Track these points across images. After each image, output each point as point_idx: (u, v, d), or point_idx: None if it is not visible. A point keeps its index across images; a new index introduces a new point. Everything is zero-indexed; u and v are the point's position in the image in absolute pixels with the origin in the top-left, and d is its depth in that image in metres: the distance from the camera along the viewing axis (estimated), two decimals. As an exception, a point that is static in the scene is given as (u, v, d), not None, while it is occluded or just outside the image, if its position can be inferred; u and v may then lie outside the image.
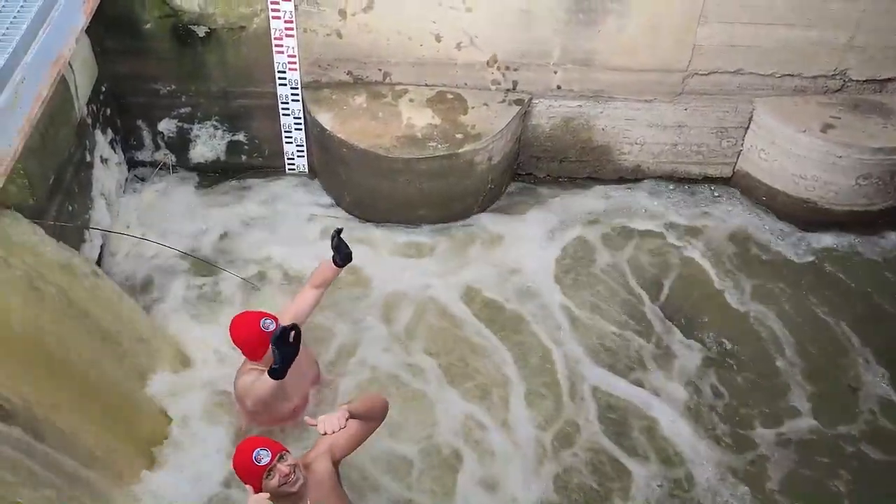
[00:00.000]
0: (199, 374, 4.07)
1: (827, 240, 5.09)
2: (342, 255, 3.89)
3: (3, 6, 2.72)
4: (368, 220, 5.10)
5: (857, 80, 5.04)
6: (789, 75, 4.99)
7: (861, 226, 5.15)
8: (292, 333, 3.34)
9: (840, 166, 4.91)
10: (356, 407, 3.14)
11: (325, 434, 2.99)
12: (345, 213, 5.14)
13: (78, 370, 3.46)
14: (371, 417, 3.29)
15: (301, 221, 5.08)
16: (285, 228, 5.02)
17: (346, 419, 3.01)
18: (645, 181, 5.44)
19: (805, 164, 4.99)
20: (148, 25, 4.69)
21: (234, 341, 3.69)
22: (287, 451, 3.15)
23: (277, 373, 3.37)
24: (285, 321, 3.59)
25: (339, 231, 3.91)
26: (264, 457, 3.05)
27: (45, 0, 2.77)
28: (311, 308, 3.96)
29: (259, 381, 3.53)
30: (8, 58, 2.47)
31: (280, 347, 3.32)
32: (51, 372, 3.29)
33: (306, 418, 3.09)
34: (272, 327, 3.60)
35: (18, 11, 2.70)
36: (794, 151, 4.98)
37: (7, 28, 2.60)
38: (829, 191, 5.04)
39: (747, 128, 5.20)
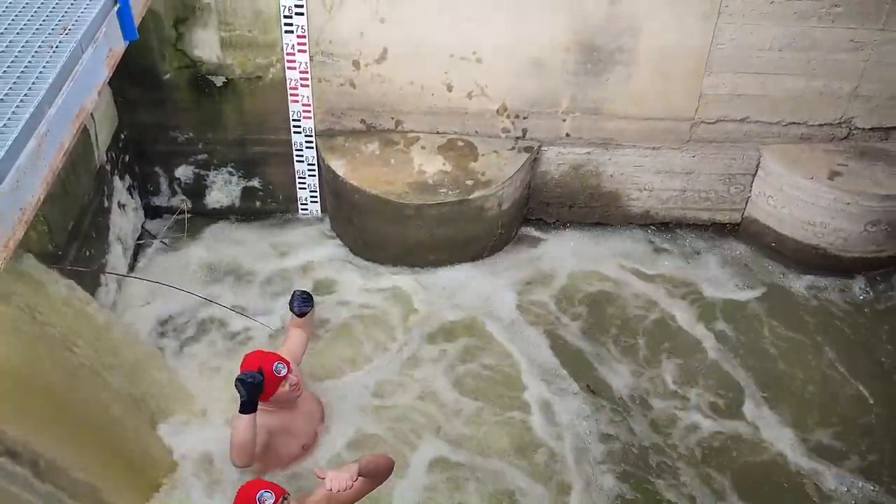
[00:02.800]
0: (210, 420, 4.09)
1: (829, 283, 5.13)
2: (298, 308, 4.14)
3: (31, 60, 2.82)
4: (379, 263, 5.15)
5: (863, 129, 5.10)
6: (795, 123, 5.06)
7: (871, 272, 5.15)
8: (258, 372, 3.57)
9: (848, 213, 4.93)
10: (364, 465, 3.18)
11: (332, 491, 3.01)
12: (357, 257, 5.21)
13: (87, 413, 3.49)
14: (376, 476, 3.32)
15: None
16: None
17: (355, 480, 3.04)
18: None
19: (813, 210, 5.02)
20: (167, 76, 4.84)
21: (241, 370, 3.75)
22: (289, 494, 3.17)
23: (245, 406, 3.52)
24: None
25: (302, 292, 4.17)
26: (268, 499, 3.06)
27: (71, 55, 2.87)
28: (301, 346, 4.10)
29: (236, 419, 3.60)
30: (34, 111, 2.55)
31: (245, 383, 3.50)
32: (60, 414, 3.32)
33: (315, 470, 3.11)
34: (283, 372, 3.70)
35: (44, 66, 2.80)
36: (802, 198, 5.02)
37: (34, 82, 2.69)
38: (839, 237, 5.06)
39: (755, 174, 5.25)
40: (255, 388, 3.52)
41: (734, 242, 5.43)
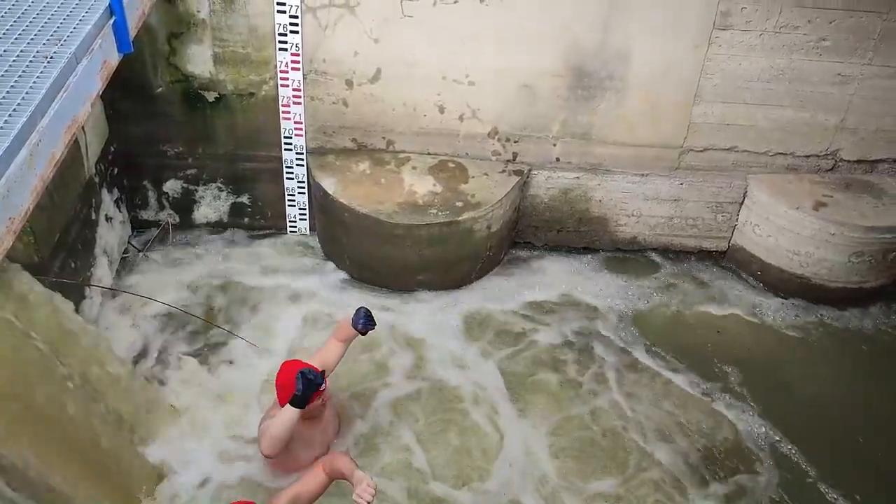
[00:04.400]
0: (194, 435, 4.04)
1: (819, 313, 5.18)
2: (363, 326, 3.96)
3: (25, 69, 2.82)
4: (366, 283, 5.14)
5: (849, 161, 5.18)
6: (782, 154, 5.13)
7: (854, 302, 5.20)
8: (320, 374, 3.64)
9: (833, 244, 4.99)
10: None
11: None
12: (344, 276, 5.19)
13: (69, 429, 3.43)
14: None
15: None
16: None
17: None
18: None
19: (798, 240, 5.08)
20: (160, 90, 4.84)
21: (277, 383, 3.78)
22: None
23: (297, 399, 3.58)
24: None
25: (367, 312, 4.00)
26: None
27: (65, 65, 2.86)
28: (337, 360, 4.04)
29: (279, 412, 3.64)
30: (26, 120, 2.55)
31: (307, 378, 3.57)
32: (41, 430, 3.27)
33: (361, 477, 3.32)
34: (322, 386, 3.72)
35: (38, 76, 2.79)
36: (788, 227, 5.08)
37: (27, 91, 2.68)
38: (823, 267, 5.11)
39: (742, 203, 5.31)
40: (313, 387, 3.60)
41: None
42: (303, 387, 3.57)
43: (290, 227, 5.44)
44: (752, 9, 4.55)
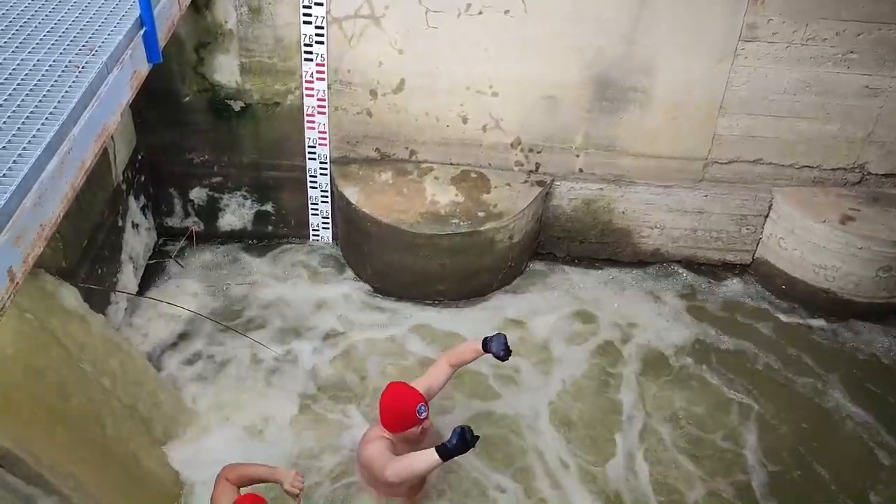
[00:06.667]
0: (215, 442, 4.06)
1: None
2: (504, 353, 3.84)
3: (57, 79, 2.86)
4: (388, 294, 5.15)
5: (876, 174, 5.11)
6: (809, 167, 5.08)
7: (881, 318, 5.13)
8: (477, 440, 3.46)
9: (860, 258, 4.92)
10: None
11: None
12: (366, 285, 5.21)
13: (94, 432, 3.47)
14: None
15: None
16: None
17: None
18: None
19: (824, 254, 5.01)
20: (187, 98, 4.90)
21: (384, 406, 3.74)
22: None
23: (448, 453, 3.41)
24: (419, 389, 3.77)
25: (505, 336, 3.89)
26: None
27: (97, 75, 2.91)
28: (443, 384, 3.97)
29: (420, 454, 3.52)
30: (58, 129, 2.58)
31: (464, 438, 3.39)
32: (66, 431, 3.31)
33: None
34: (424, 414, 3.70)
35: (70, 86, 2.83)
36: (814, 241, 5.02)
37: (59, 101, 2.73)
38: (849, 282, 5.04)
39: (767, 216, 5.26)
40: (465, 448, 3.42)
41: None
42: (458, 445, 3.40)
43: (314, 235, 5.47)
44: (778, 21, 4.52)
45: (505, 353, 3.84)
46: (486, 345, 3.87)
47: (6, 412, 3.02)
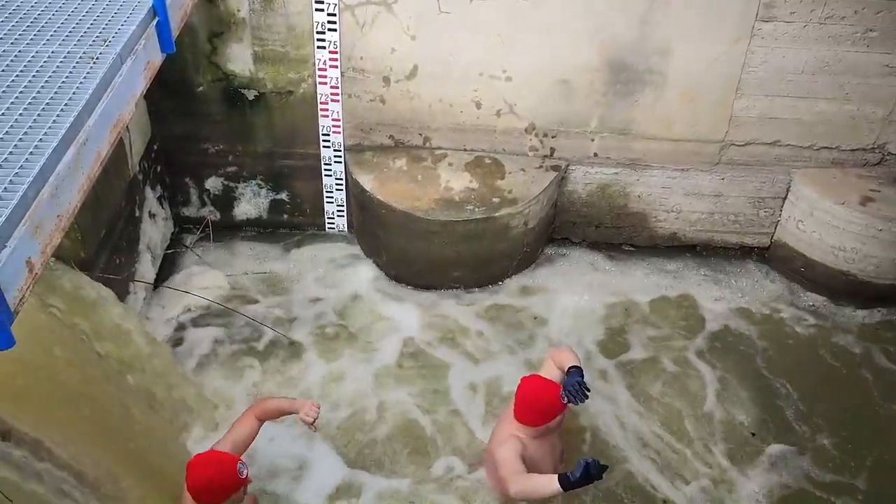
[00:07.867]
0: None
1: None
2: (579, 400, 3.72)
3: (72, 70, 2.88)
4: (403, 281, 5.16)
5: (897, 155, 5.04)
6: (827, 148, 5.01)
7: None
8: (605, 470, 3.44)
9: (880, 240, 4.86)
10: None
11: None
12: (381, 272, 5.23)
13: (115, 422, 3.52)
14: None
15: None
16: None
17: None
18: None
19: (844, 236, 4.96)
20: (200, 88, 4.91)
21: (525, 401, 3.71)
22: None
23: (571, 485, 3.39)
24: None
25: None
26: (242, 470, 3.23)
27: (111, 66, 2.92)
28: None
29: (546, 480, 3.50)
30: (73, 120, 2.60)
31: (588, 470, 3.37)
32: (87, 421, 3.35)
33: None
34: (566, 400, 3.66)
35: (85, 77, 2.85)
36: (833, 223, 4.96)
37: (74, 91, 2.74)
38: (870, 264, 4.99)
39: (785, 198, 5.20)
40: (588, 481, 3.41)
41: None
42: (580, 479, 3.38)
43: (329, 223, 5.49)
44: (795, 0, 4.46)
45: (578, 401, 3.70)
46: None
47: (29, 402, 3.06)
